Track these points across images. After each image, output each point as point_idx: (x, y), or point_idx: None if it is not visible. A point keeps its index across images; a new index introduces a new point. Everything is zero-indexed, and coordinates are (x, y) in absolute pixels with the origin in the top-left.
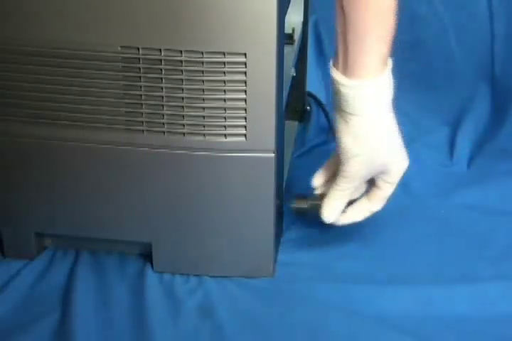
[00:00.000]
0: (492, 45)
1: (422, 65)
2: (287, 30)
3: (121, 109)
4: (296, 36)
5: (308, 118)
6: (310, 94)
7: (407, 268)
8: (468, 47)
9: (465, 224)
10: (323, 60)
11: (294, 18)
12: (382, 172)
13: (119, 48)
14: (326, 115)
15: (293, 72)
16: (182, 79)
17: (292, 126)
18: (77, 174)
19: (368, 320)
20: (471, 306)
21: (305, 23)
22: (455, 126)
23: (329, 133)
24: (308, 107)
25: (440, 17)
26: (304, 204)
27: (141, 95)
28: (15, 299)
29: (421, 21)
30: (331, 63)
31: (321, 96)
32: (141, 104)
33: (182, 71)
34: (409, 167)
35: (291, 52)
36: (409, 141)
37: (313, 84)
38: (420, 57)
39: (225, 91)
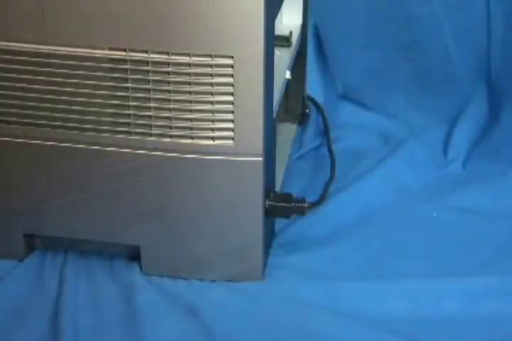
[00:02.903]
0: (489, 46)
1: (420, 65)
2: (285, 32)
3: (108, 110)
4: (294, 39)
5: (307, 121)
6: (309, 98)
7: (398, 270)
8: (465, 48)
9: (457, 226)
10: (323, 63)
11: (293, 21)
12: None
13: (107, 49)
14: (324, 118)
15: (288, 75)
16: (169, 82)
17: (292, 128)
18: (65, 175)
19: (358, 321)
20: (461, 306)
21: (304, 26)
22: (451, 127)
23: (325, 136)
24: (307, 110)
25: (438, 18)
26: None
27: (128, 97)
28: (4, 300)
29: (419, 22)
30: None
31: (320, 100)
32: (128, 105)
33: (169, 73)
34: (404, 168)
35: (287, 54)
36: (405, 140)
37: (312, 88)
38: (418, 58)
39: (212, 93)
